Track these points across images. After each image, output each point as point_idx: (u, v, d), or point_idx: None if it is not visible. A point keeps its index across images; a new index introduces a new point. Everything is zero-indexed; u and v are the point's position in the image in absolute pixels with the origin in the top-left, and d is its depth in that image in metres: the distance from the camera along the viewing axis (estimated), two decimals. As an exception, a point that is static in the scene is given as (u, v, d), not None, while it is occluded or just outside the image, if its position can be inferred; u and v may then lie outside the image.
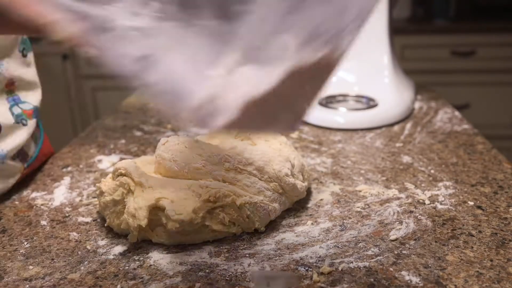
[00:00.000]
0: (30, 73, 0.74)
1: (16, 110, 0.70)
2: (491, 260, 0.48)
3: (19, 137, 0.69)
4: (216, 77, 0.30)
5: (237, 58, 0.31)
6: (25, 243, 0.55)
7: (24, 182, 0.70)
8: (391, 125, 0.91)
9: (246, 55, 0.31)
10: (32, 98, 0.73)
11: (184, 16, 0.33)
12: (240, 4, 0.31)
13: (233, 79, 0.30)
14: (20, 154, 0.69)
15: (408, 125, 0.91)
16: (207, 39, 0.32)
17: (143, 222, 0.51)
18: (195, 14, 0.33)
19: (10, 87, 0.70)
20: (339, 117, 0.91)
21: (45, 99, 0.75)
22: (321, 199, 0.62)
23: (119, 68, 0.30)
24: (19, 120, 0.70)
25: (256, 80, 0.30)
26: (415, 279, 0.46)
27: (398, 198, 0.62)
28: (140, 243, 0.53)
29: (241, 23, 0.31)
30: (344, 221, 0.57)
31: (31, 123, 0.72)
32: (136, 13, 0.32)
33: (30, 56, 0.74)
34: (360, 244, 0.52)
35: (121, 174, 0.56)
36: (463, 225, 0.55)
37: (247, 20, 0.31)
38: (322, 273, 0.47)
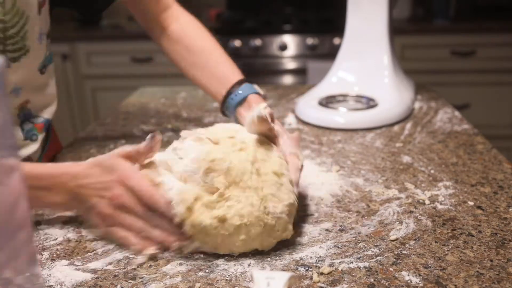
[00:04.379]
0: (48, 89, 0.72)
1: (27, 125, 0.68)
2: (491, 260, 0.48)
3: (27, 151, 0.68)
4: None
5: None
6: (25, 243, 0.55)
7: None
8: (391, 125, 0.91)
9: None
10: (46, 112, 0.72)
11: None
12: None
13: None
14: (24, 160, 0.68)
15: (408, 125, 0.91)
16: None
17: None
18: None
19: (25, 104, 0.68)
20: (339, 117, 0.91)
21: (45, 99, 0.75)
22: (321, 199, 0.62)
23: None
24: (29, 136, 0.68)
25: None
26: (415, 279, 0.46)
27: (398, 198, 0.62)
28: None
29: None
30: (344, 221, 0.57)
31: (41, 136, 0.71)
32: None
33: (50, 68, 0.72)
34: (360, 244, 0.52)
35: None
36: (463, 225, 0.55)
37: None
38: (322, 273, 0.47)
